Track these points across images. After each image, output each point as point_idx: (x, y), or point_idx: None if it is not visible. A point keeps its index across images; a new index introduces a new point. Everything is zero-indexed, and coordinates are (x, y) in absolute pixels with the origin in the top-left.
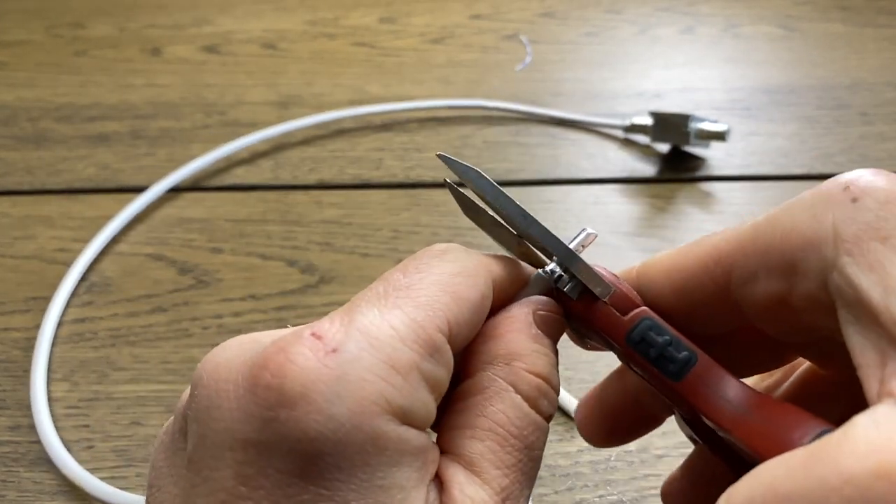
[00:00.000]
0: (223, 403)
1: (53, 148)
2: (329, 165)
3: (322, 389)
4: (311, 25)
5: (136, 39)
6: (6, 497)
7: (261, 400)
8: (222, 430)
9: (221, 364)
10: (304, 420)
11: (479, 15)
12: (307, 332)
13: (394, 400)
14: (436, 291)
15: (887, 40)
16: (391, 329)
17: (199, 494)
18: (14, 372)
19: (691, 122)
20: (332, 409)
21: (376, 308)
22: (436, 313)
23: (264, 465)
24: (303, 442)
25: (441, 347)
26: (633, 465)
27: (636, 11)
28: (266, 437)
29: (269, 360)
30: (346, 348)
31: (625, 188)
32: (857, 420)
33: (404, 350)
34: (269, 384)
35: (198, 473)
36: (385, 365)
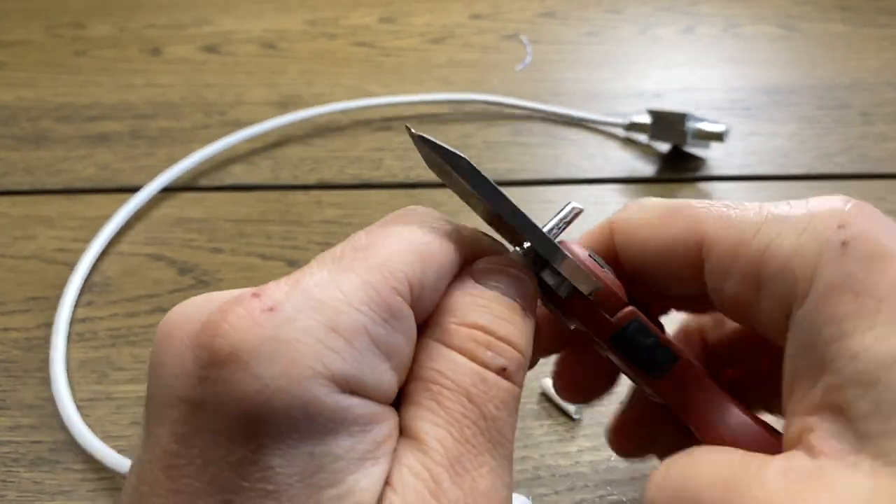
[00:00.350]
0: (167, 360)
1: (53, 148)
2: (329, 165)
3: (250, 349)
4: (311, 25)
5: (136, 39)
6: (6, 497)
7: (196, 359)
8: (164, 387)
9: (175, 323)
10: (231, 380)
11: (480, 15)
12: (248, 293)
13: (333, 365)
14: (398, 251)
15: (888, 40)
16: (338, 291)
17: (145, 450)
18: (14, 372)
19: (688, 122)
20: (259, 370)
21: (327, 270)
22: (394, 274)
23: (197, 424)
24: (230, 403)
25: (399, 312)
26: (634, 464)
27: (636, 11)
28: (199, 396)
29: (210, 319)
30: (283, 308)
31: (625, 188)
32: (773, 464)
33: (350, 312)
34: (204, 343)
35: (146, 430)
36: (325, 327)
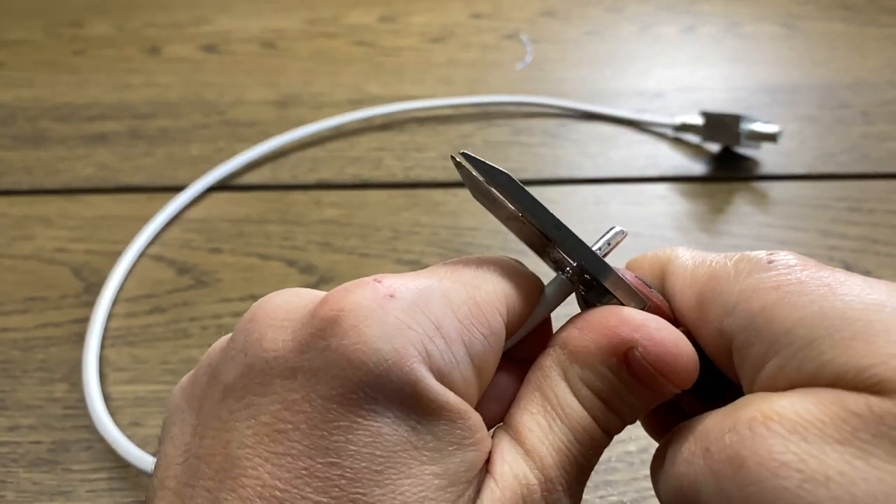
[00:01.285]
0: (279, 336)
1: (52, 147)
2: (328, 165)
3: (373, 325)
4: (311, 24)
5: (135, 39)
6: (5, 497)
7: (317, 330)
8: (272, 359)
9: (279, 304)
10: (351, 349)
11: (480, 14)
12: (370, 278)
13: (434, 356)
14: (499, 278)
15: (889, 39)
16: (446, 299)
17: (240, 419)
18: (13, 373)
19: (742, 123)
20: (378, 344)
21: (438, 279)
22: (498, 297)
23: (309, 390)
24: (347, 370)
25: (497, 331)
26: (634, 465)
27: (637, 10)
28: (316, 365)
29: (331, 296)
30: (402, 297)
31: (625, 188)
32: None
33: (454, 321)
34: (327, 315)
35: (239, 400)
36: (432, 325)
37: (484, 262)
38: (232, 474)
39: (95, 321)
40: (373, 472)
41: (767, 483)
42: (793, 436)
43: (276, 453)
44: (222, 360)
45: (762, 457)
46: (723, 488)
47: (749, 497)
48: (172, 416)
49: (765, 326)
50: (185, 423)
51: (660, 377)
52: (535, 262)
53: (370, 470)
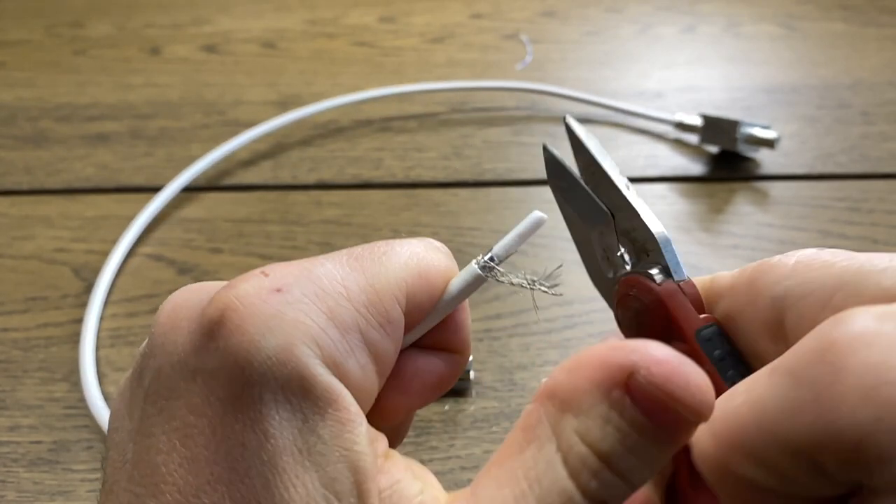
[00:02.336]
0: (178, 338)
1: (52, 148)
2: (329, 165)
3: (256, 322)
4: (311, 25)
5: (136, 39)
6: (5, 497)
7: (207, 330)
8: (176, 363)
9: (179, 304)
10: (237, 348)
11: (480, 14)
12: (258, 270)
13: (326, 348)
14: (400, 266)
15: (889, 39)
16: (342, 286)
17: (156, 424)
18: (13, 372)
19: (741, 128)
20: (262, 342)
21: (339, 264)
22: (398, 285)
23: (208, 393)
24: (236, 369)
25: (395, 321)
26: None
27: (637, 10)
28: (211, 366)
29: (217, 293)
30: (290, 290)
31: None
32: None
33: (349, 308)
34: (213, 315)
35: (154, 405)
36: (324, 316)
37: (390, 248)
38: (153, 480)
39: (90, 316)
40: (264, 479)
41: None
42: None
43: (187, 458)
44: (142, 365)
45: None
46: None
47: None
48: (113, 421)
49: (827, 270)
50: (123, 428)
51: (671, 401)
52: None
53: (262, 476)
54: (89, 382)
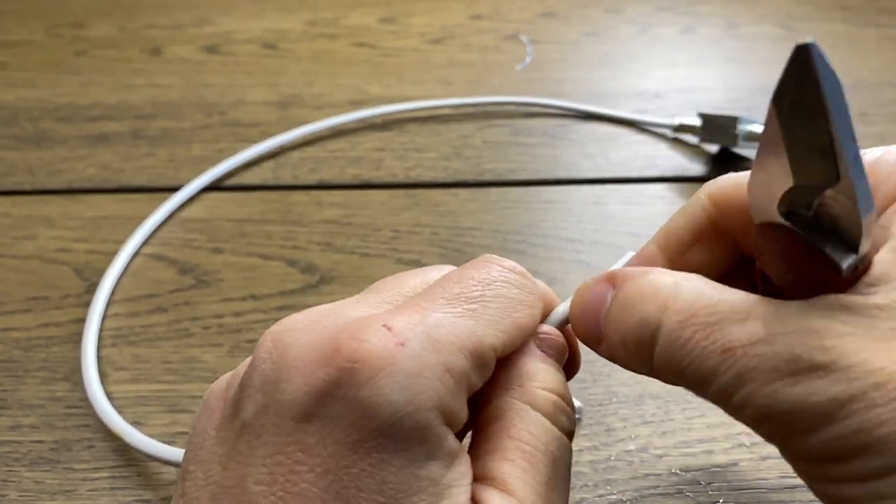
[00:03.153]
0: (292, 378)
1: (54, 148)
2: (329, 165)
3: (387, 377)
4: (312, 25)
5: (137, 39)
6: (7, 496)
7: (333, 379)
8: (287, 402)
9: (291, 344)
10: (367, 401)
11: (480, 15)
12: (379, 323)
13: (443, 399)
14: (501, 313)
15: (888, 40)
16: (454, 336)
17: (255, 456)
18: (15, 372)
19: (740, 125)
20: (392, 396)
21: (445, 313)
22: (496, 333)
23: (325, 436)
24: (363, 419)
25: (488, 364)
26: (633, 464)
27: (637, 11)
28: (332, 412)
29: (343, 344)
30: (412, 345)
31: (624, 188)
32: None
33: (460, 358)
34: (342, 367)
35: (257, 437)
36: (442, 368)
37: (489, 292)
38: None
39: (93, 316)
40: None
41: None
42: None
43: (290, 493)
44: (242, 395)
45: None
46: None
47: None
48: (198, 439)
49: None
50: (211, 450)
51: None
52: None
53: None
54: (92, 381)
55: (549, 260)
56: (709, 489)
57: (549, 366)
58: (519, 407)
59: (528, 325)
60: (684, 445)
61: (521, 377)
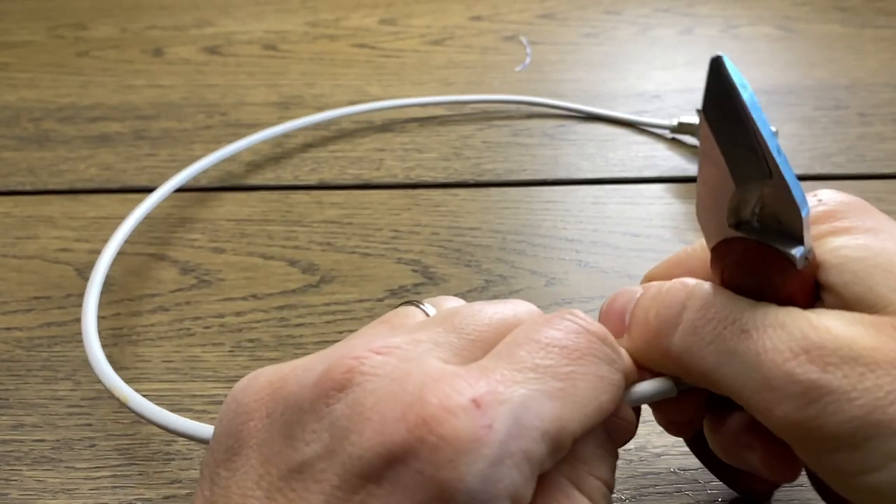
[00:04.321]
0: (366, 432)
1: (55, 148)
2: (330, 166)
3: (470, 462)
4: (312, 27)
5: (138, 40)
6: (9, 496)
7: (411, 448)
8: (357, 457)
9: (371, 391)
10: (445, 484)
11: (479, 16)
12: (468, 394)
13: (518, 489)
14: (586, 398)
15: (886, 41)
16: (539, 420)
17: (311, 501)
18: (17, 371)
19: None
20: (472, 484)
21: (532, 389)
22: (578, 420)
23: (390, 501)
24: (436, 499)
25: (564, 450)
26: (632, 463)
27: (635, 12)
28: (404, 481)
29: (428, 411)
30: (498, 429)
31: (623, 188)
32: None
33: (540, 446)
34: (424, 438)
35: (316, 482)
36: (523, 456)
37: (577, 370)
38: None
39: (88, 309)
40: None
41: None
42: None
43: None
44: (300, 422)
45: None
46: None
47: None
48: (232, 443)
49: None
50: (250, 465)
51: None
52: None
53: None
54: (93, 345)
55: (549, 260)
56: (707, 488)
57: (607, 453)
58: (564, 485)
59: (611, 410)
60: (683, 444)
61: (574, 457)
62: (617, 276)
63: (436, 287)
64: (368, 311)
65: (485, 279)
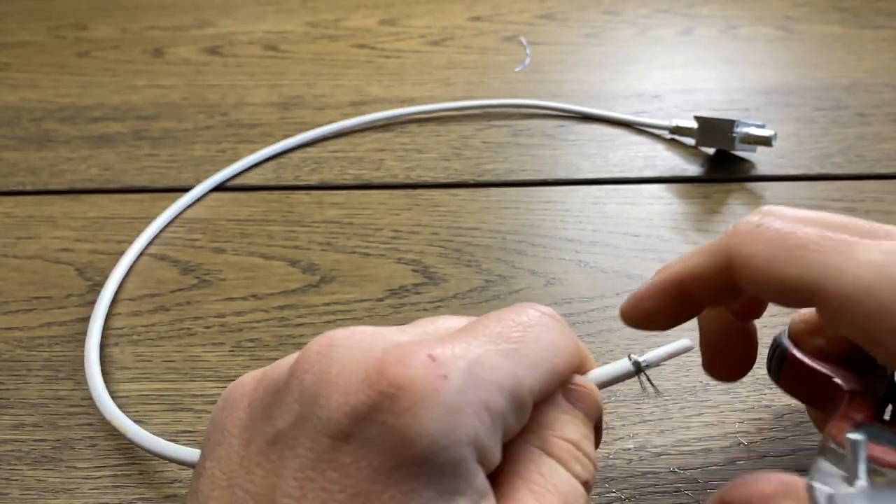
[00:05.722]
0: (332, 395)
1: (56, 148)
2: (330, 166)
3: (428, 407)
4: (313, 27)
5: (139, 41)
6: (10, 495)
7: (373, 402)
8: (325, 419)
9: (335, 360)
10: (406, 428)
11: (479, 17)
12: (424, 352)
13: (480, 437)
14: (540, 356)
15: (885, 41)
16: (495, 375)
17: (286, 468)
18: (17, 371)
19: (737, 127)
20: (431, 428)
21: (488, 350)
22: (534, 376)
23: (360, 458)
24: (399, 447)
25: (526, 407)
26: (632, 462)
27: (635, 13)
28: (370, 435)
29: (387, 368)
30: (454, 378)
31: (622, 189)
32: None
33: (498, 398)
34: (384, 391)
35: (289, 448)
36: (481, 405)
37: (529, 334)
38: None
39: (96, 318)
40: None
41: None
42: None
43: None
44: (276, 401)
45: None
46: None
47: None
48: (217, 436)
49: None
50: (232, 450)
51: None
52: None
53: None
54: (95, 381)
55: (549, 260)
56: (707, 488)
57: (571, 416)
58: (531, 451)
59: (564, 372)
60: (682, 444)
61: (539, 425)
62: (617, 276)
63: (436, 287)
64: (368, 311)
65: (485, 279)
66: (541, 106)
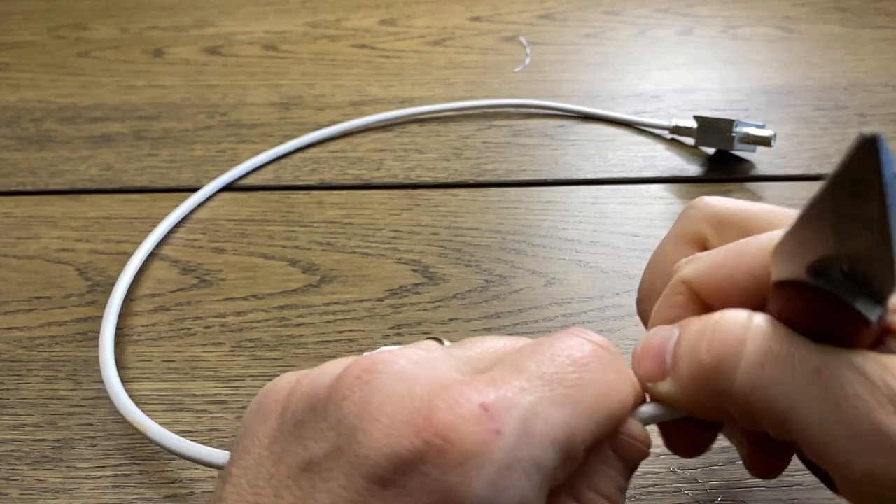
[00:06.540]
0: (373, 432)
1: (56, 148)
2: (330, 166)
3: (477, 467)
4: (313, 27)
5: (139, 41)
6: (10, 495)
7: (418, 450)
8: (364, 457)
9: (378, 390)
10: (452, 488)
11: (479, 17)
12: (476, 400)
13: (527, 498)
14: (596, 401)
15: (885, 41)
16: (549, 427)
17: (318, 500)
18: (17, 371)
19: (736, 127)
20: (479, 490)
21: (542, 397)
22: (588, 426)
23: (395, 496)
24: (442, 499)
25: (576, 459)
26: None
27: (635, 13)
28: (411, 486)
29: (436, 415)
30: (507, 434)
31: (622, 188)
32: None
33: (550, 454)
34: (430, 441)
35: (322, 481)
36: (532, 463)
37: (586, 377)
38: None
39: (108, 320)
40: None
41: None
42: None
43: None
44: (310, 420)
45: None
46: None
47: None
48: (247, 442)
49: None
50: (262, 464)
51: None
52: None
53: None
54: (111, 379)
55: (549, 260)
56: (707, 487)
57: (612, 469)
58: (562, 498)
59: (620, 417)
60: None
61: (576, 471)
62: (616, 276)
63: (436, 287)
64: (369, 311)
65: (485, 279)
66: (541, 106)
